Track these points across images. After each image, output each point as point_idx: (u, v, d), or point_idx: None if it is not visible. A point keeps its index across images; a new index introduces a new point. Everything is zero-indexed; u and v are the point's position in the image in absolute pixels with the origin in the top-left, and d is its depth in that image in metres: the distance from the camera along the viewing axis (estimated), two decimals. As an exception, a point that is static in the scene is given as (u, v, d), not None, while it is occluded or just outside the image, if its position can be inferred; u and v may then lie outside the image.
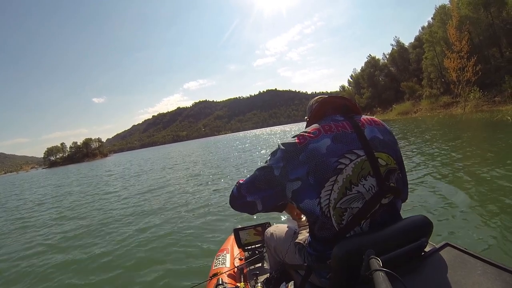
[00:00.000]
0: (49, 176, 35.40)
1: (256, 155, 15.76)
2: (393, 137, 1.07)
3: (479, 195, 3.93)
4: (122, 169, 22.45)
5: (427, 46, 33.19)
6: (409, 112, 34.21)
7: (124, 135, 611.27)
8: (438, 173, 5.36)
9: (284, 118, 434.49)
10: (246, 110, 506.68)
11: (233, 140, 51.95)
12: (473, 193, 4.00)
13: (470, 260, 0.84)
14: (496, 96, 21.85)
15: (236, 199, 1.12)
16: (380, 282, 0.65)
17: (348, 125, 1.00)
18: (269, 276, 1.56)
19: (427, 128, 15.51)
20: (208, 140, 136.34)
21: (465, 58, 24.19)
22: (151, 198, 7.67)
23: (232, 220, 4.55)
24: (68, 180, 21.76)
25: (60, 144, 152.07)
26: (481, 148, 7.31)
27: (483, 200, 3.71)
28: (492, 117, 14.72)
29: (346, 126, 1.00)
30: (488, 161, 5.68)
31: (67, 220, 6.81)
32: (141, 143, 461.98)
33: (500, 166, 5.05)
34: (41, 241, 5.27)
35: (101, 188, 12.26)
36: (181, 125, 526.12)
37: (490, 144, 7.68)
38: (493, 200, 3.65)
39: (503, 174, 4.59)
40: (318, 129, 0.99)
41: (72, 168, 55.77)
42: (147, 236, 4.52)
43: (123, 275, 3.31)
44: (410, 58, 42.86)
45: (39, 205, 10.30)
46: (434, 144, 9.05)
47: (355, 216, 0.93)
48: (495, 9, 24.58)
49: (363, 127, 1.01)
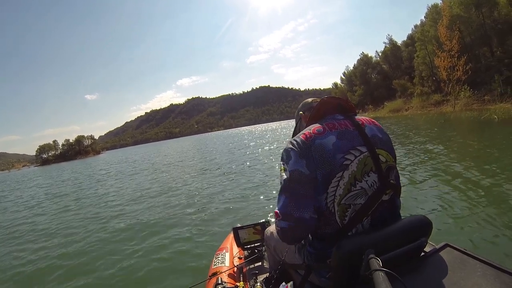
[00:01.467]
0: (41, 175, 34.90)
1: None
2: (389, 136, 1.11)
3: (479, 195, 3.94)
4: (116, 168, 22.11)
5: (419, 44, 33.45)
6: (400, 110, 34.53)
7: (116, 132, 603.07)
8: (437, 173, 5.39)
9: (277, 115, 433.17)
10: (239, 106, 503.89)
11: (232, 137, 49.97)
12: (473, 193, 4.03)
13: (469, 261, 0.86)
14: (486, 95, 22.13)
15: (292, 230, 0.99)
16: (380, 282, 0.66)
17: (349, 123, 1.05)
18: (269, 275, 1.56)
19: (415, 126, 15.74)
20: (201, 136, 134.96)
21: (455, 57, 24.44)
22: (149, 197, 7.66)
23: (231, 219, 4.59)
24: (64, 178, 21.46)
25: (52, 141, 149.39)
26: (470, 146, 7.48)
27: (483, 200, 3.73)
28: (480, 116, 14.92)
29: (347, 124, 1.04)
30: (480, 159, 5.84)
31: (66, 217, 6.83)
32: (134, 140, 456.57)
33: (495, 166, 5.15)
34: (41, 243, 5.27)
35: (95, 187, 12.15)
36: (174, 122, 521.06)
37: (478, 142, 7.88)
38: (493, 200, 3.68)
39: (501, 174, 4.65)
40: (323, 127, 1.02)
41: (65, 165, 54.92)
42: (146, 235, 4.52)
43: (122, 275, 3.33)
44: (402, 56, 42.96)
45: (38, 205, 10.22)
46: (418, 142, 9.14)
47: (358, 213, 0.95)
48: (487, 9, 24.82)
49: (363, 126, 1.05)
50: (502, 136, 8.64)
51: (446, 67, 25.23)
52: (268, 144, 20.19)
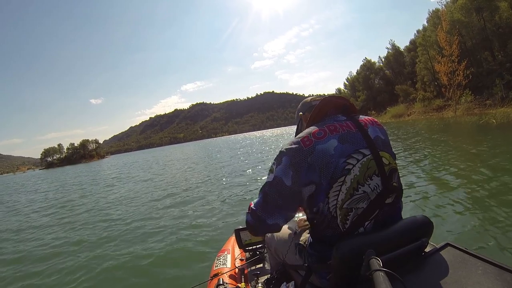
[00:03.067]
0: (48, 177, 35.12)
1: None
2: (388, 137, 1.09)
3: (479, 195, 3.97)
4: (123, 172, 21.95)
5: (421, 49, 33.55)
6: (403, 115, 34.54)
7: (121, 137, 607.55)
8: (436, 175, 5.47)
9: (281, 121, 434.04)
10: (244, 112, 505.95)
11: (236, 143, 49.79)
12: (473, 193, 4.06)
13: (470, 260, 0.85)
14: (488, 100, 22.06)
15: (256, 227, 1.04)
16: (380, 282, 0.66)
17: (352, 125, 1.00)
18: (270, 276, 1.53)
19: (415, 131, 15.82)
20: (206, 142, 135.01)
21: (455, 62, 24.45)
22: (152, 200, 7.71)
23: (233, 221, 4.62)
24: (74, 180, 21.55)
25: (57, 145, 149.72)
26: (467, 149, 7.62)
27: (483, 200, 3.76)
28: (479, 120, 14.95)
29: (350, 125, 1.00)
30: (477, 161, 5.96)
31: (68, 219, 7.01)
32: (138, 145, 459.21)
33: (490, 166, 5.27)
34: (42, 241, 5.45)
35: (102, 190, 12.27)
36: (178, 127, 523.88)
37: (475, 146, 7.95)
38: (493, 200, 3.70)
39: (497, 174, 4.73)
40: (323, 130, 0.96)
41: (70, 169, 55.11)
42: (148, 236, 4.57)
43: (123, 276, 3.36)
44: (405, 62, 43.02)
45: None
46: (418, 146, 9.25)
47: (360, 217, 0.92)
48: (488, 13, 24.85)
49: (366, 127, 1.01)
50: (498, 140, 8.75)
51: (446, 72, 25.23)
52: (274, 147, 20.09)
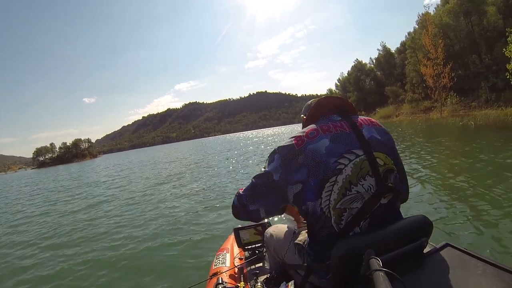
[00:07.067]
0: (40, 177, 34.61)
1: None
2: (391, 137, 1.07)
3: (479, 195, 3.98)
4: (116, 171, 21.71)
5: (410, 52, 34.23)
6: (391, 116, 35.14)
7: (113, 136, 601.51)
8: (435, 174, 5.59)
9: (274, 120, 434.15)
10: (236, 112, 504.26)
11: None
12: (473, 193, 4.08)
13: (470, 260, 0.84)
14: (473, 101, 22.69)
15: (239, 210, 1.08)
16: (379, 282, 0.65)
17: (346, 125, 1.00)
18: (269, 276, 1.54)
19: (400, 132, 16.20)
20: (198, 141, 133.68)
21: (441, 64, 25.03)
22: (150, 198, 7.71)
23: (232, 220, 4.50)
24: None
25: (50, 144, 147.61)
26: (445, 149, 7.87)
27: (483, 200, 3.77)
28: (459, 122, 15.41)
29: (344, 126, 1.00)
30: (467, 162, 6.16)
31: (65, 217, 7.12)
32: (131, 144, 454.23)
33: (486, 166, 5.44)
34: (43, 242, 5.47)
35: (97, 188, 12.18)
36: (171, 127, 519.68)
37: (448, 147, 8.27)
38: (493, 200, 3.72)
39: (496, 175, 4.86)
40: (316, 130, 0.98)
41: (62, 168, 54.35)
42: (147, 235, 4.57)
43: (122, 275, 3.36)
44: (395, 63, 43.52)
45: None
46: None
47: (354, 217, 0.92)
48: (476, 17, 25.33)
49: (360, 127, 1.00)
50: (474, 140, 9.14)
51: (432, 74, 25.80)
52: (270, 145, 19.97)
